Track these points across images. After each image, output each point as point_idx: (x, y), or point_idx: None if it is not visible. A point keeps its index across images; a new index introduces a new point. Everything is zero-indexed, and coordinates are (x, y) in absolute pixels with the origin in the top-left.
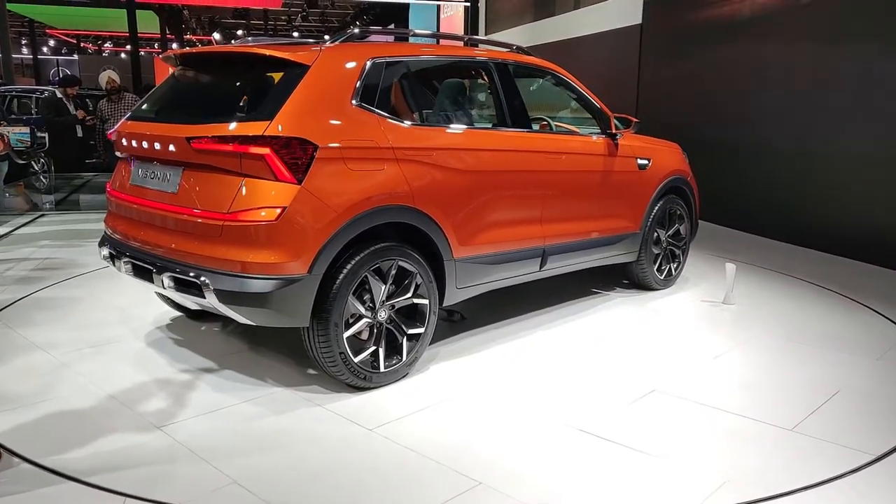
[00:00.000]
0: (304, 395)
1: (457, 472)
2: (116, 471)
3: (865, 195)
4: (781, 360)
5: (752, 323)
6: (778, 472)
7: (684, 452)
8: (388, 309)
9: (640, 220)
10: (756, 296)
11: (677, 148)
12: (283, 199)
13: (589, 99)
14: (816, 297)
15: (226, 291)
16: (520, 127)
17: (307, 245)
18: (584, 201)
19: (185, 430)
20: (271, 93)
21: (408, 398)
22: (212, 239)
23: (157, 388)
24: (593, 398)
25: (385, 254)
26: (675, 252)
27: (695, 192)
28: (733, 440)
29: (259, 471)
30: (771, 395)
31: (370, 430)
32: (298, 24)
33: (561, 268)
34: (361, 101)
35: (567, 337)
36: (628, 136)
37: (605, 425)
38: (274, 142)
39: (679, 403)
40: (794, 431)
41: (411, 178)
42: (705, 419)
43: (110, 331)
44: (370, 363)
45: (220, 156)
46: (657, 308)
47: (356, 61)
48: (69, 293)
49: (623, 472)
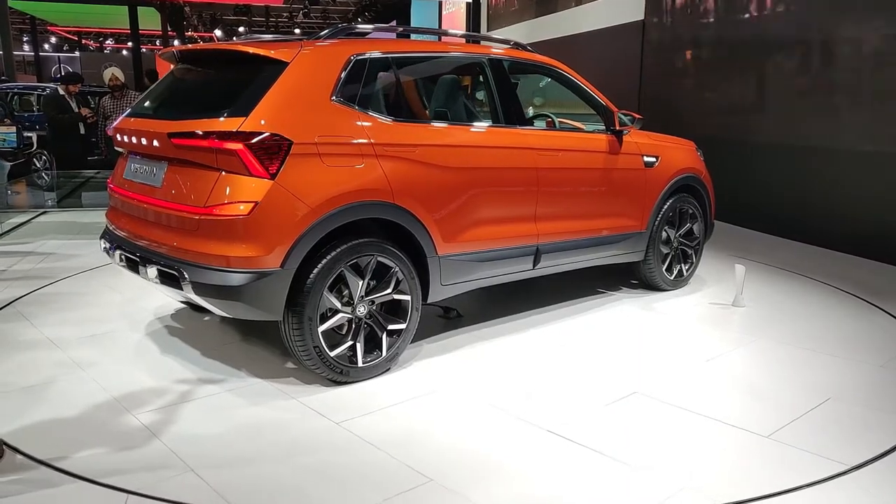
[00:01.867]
0: (282, 388)
1: (410, 468)
2: (77, 453)
3: (889, 194)
4: (779, 365)
5: (758, 326)
6: (738, 481)
7: (647, 457)
8: (368, 304)
9: (647, 219)
10: (768, 298)
11: (691, 145)
12: (256, 194)
13: (592, 95)
14: (830, 300)
15: (201, 284)
16: (514, 124)
17: (280, 239)
18: (581, 199)
19: (154, 417)
20: (249, 90)
21: (383, 393)
22: (190, 232)
23: (144, 377)
24: (570, 399)
25: (362, 249)
26: (688, 252)
27: (710, 191)
28: (702, 446)
29: (215, 461)
30: (757, 400)
31: (336, 424)
32: (300, 20)
33: (557, 266)
34: (341, 98)
35: (561, 336)
36: (635, 133)
37: (574, 426)
38: (247, 137)
39: (658, 407)
40: (770, 439)
41: (391, 174)
42: (680, 423)
43: (110, 325)
44: (348, 358)
45: (198, 151)
46: (662, 309)
47: (337, 58)
48: (71, 289)
49: (575, 474)
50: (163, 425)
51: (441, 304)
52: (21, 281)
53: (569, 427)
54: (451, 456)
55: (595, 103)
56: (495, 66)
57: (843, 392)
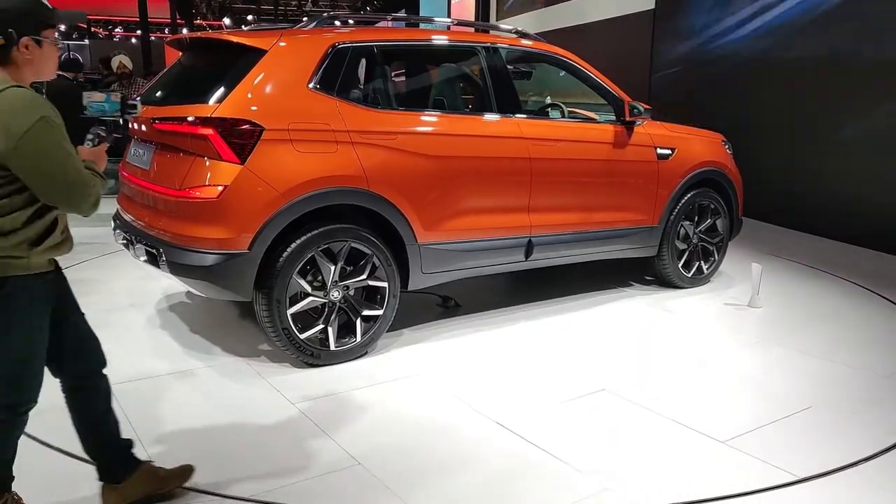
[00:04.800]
0: (257, 367)
1: (343, 451)
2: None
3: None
4: (773, 370)
5: (768, 329)
6: (672, 484)
7: (584, 455)
8: (342, 289)
9: (660, 213)
10: (788, 299)
11: (717, 138)
12: (225, 178)
13: (600, 84)
14: (855, 301)
15: (176, 263)
16: (507, 113)
17: (247, 223)
18: (581, 191)
19: (119, 389)
20: (227, 77)
21: (350, 378)
22: (168, 213)
23: (134, 352)
24: (533, 393)
25: (335, 235)
26: (709, 249)
27: (736, 186)
28: (650, 447)
29: (160, 433)
30: (731, 405)
31: (291, 404)
32: (309, 9)
33: (554, 259)
34: (319, 85)
35: (554, 330)
36: (650, 124)
37: (524, 421)
38: (219, 123)
39: (621, 405)
40: (725, 444)
41: (366, 162)
42: (637, 423)
43: (118, 303)
44: (319, 341)
45: (176, 136)
46: (672, 307)
47: (317, 46)
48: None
49: (506, 469)
50: (126, 396)
51: (439, 293)
52: None
53: (519, 420)
54: (386, 442)
55: (604, 93)
56: (488, 55)
57: (827, 401)
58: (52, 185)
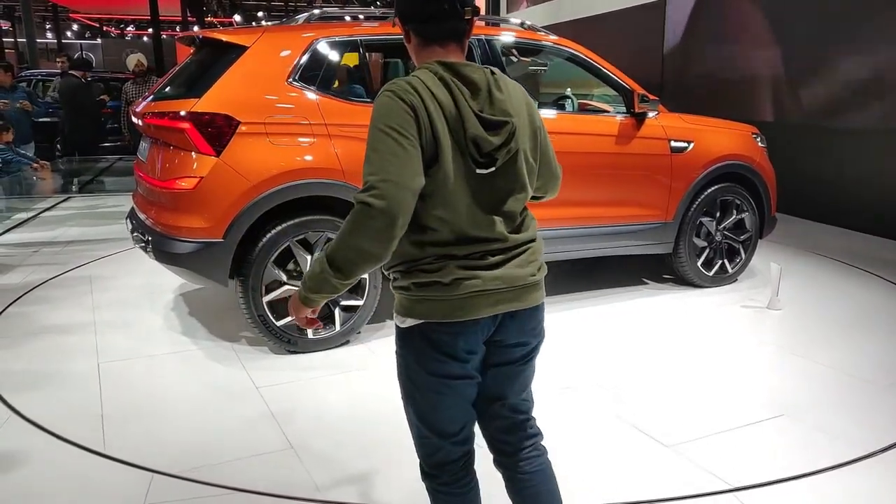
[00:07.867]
0: (239, 351)
1: (282, 435)
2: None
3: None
4: (767, 374)
5: (781, 333)
6: (593, 487)
7: None
8: None
9: (675, 209)
10: (812, 299)
11: (746, 131)
12: (201, 170)
13: (609, 76)
14: (884, 301)
15: (160, 251)
16: None
17: (222, 213)
18: (583, 186)
19: (106, 368)
20: (210, 73)
21: (323, 365)
22: (155, 203)
23: (132, 334)
24: None
25: (312, 225)
26: (734, 247)
27: (767, 181)
28: (590, 448)
29: (126, 412)
30: (696, 409)
31: (256, 388)
32: (318, 5)
33: (557, 255)
34: (298, 80)
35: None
36: (665, 116)
37: None
38: (195, 117)
39: (581, 403)
40: (669, 448)
41: (344, 155)
42: (589, 422)
43: (131, 298)
44: (297, 328)
45: (161, 130)
46: (682, 307)
47: (298, 42)
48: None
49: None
50: (109, 378)
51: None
52: (44, 266)
53: None
54: (326, 429)
55: (613, 84)
56: (485, 46)
57: (802, 412)
58: None
